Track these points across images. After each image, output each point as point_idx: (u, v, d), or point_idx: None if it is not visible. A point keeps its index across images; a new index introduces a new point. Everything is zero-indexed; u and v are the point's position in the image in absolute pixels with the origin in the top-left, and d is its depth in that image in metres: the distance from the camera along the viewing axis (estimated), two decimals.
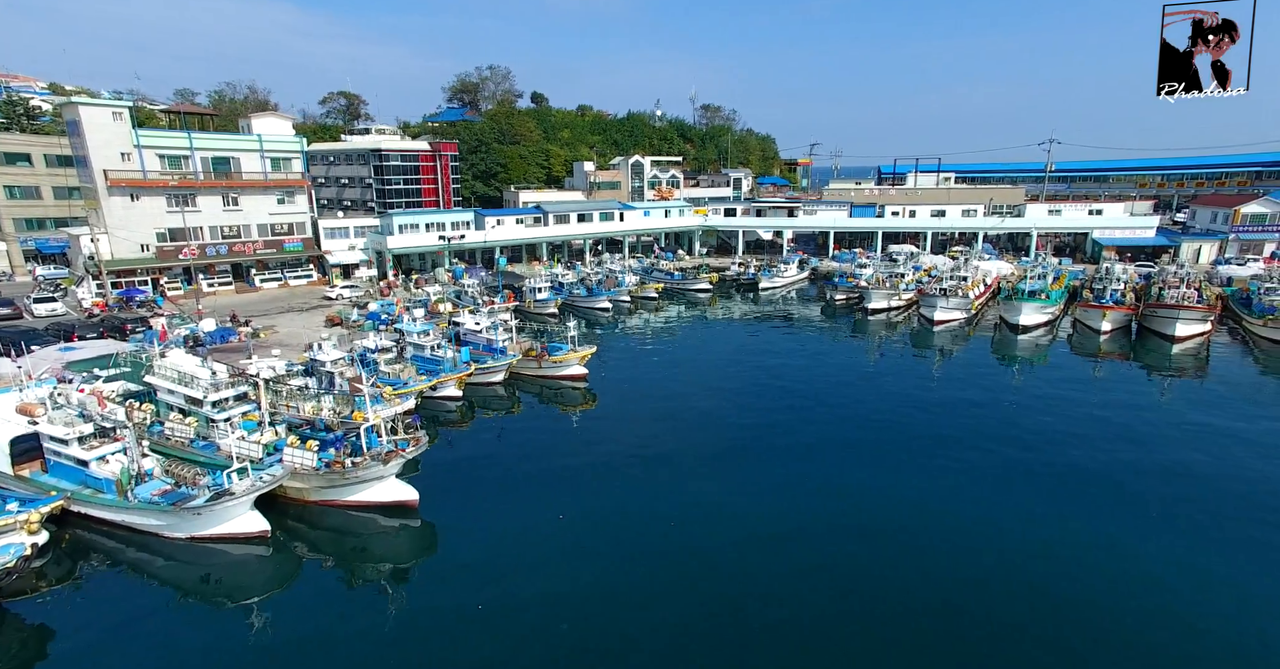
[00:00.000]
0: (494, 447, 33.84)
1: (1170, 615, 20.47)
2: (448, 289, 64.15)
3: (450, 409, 38.14)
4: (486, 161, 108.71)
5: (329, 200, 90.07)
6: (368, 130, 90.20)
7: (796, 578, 22.20)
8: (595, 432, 35.50)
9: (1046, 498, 27.53)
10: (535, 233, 78.52)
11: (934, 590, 21.56)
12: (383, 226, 68.66)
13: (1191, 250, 75.98)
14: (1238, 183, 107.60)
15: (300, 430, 28.80)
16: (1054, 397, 39.82)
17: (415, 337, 42.39)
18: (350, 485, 24.92)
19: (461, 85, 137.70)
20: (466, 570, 22.64)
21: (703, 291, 70.03)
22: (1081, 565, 22.85)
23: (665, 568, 22.82)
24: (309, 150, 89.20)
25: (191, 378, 27.16)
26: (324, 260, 66.30)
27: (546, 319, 59.81)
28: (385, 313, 51.68)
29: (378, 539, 25.01)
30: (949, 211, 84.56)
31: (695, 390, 42.14)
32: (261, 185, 62.10)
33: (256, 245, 62.32)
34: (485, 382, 41.48)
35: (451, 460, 31.95)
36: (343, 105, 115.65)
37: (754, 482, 29.27)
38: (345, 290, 60.90)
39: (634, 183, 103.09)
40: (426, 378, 37.72)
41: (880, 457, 31.81)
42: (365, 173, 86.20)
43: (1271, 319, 48.65)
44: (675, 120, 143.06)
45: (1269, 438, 33.35)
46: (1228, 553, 23.25)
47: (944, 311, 54.95)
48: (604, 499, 27.49)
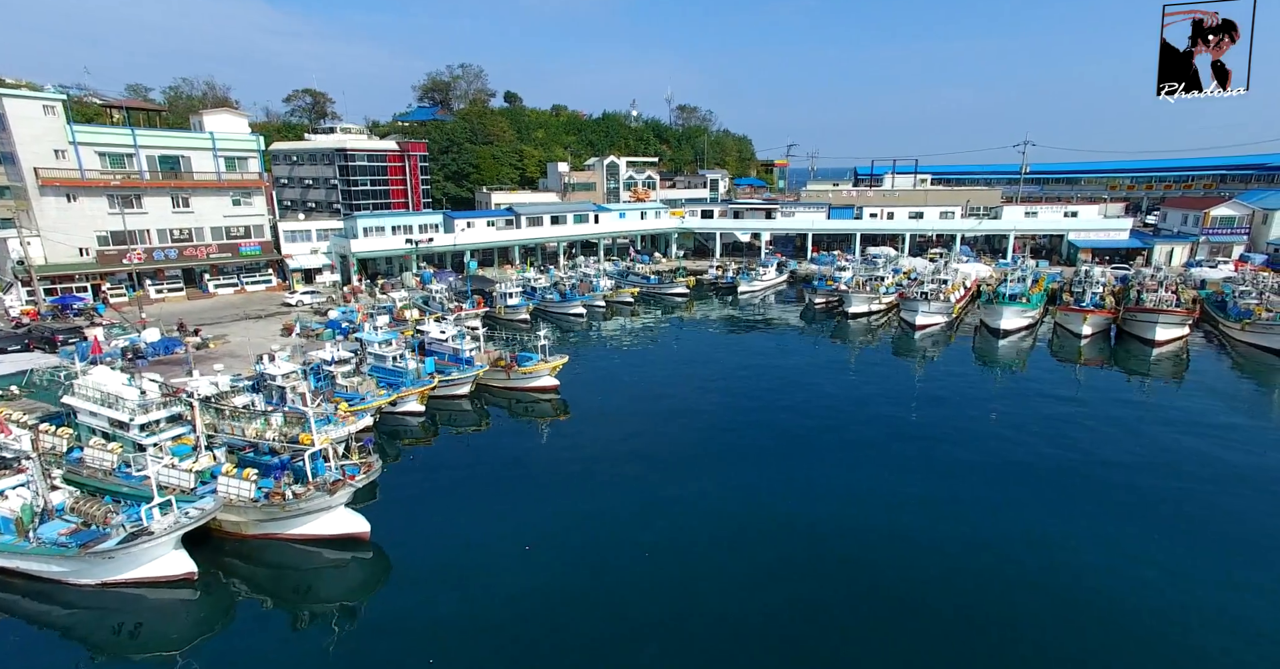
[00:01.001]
0: (458, 466, 31.64)
1: (1146, 611, 20.59)
2: (415, 295, 61.59)
3: (412, 425, 35.83)
4: (458, 162, 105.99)
5: (292, 202, 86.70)
6: (333, 129, 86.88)
7: (789, 609, 20.49)
8: (566, 447, 33.50)
9: (1038, 502, 26.88)
10: (507, 236, 76.15)
11: (913, 587, 21.60)
12: (346, 229, 65.79)
13: (1164, 252, 76.43)
14: (1203, 185, 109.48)
15: (243, 454, 26.36)
16: (1037, 402, 38.96)
17: (376, 347, 39.94)
18: (292, 518, 22.60)
19: (433, 84, 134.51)
20: (422, 607, 20.53)
21: (680, 296, 68.36)
22: (1066, 565, 22.87)
23: (644, 602, 20.94)
24: (271, 150, 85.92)
25: (116, 398, 24.54)
26: (284, 265, 63.22)
27: (518, 326, 57.61)
28: (346, 321, 49.04)
29: (323, 575, 22.74)
30: (927, 213, 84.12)
31: (672, 401, 40.33)
32: (215, 186, 58.85)
33: (210, 249, 59.07)
34: (450, 394, 39.21)
35: (411, 482, 29.72)
36: (308, 103, 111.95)
37: (738, 502, 27.51)
38: (306, 296, 58.02)
39: (609, 184, 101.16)
40: (387, 392, 35.37)
41: (874, 469, 30.36)
42: (330, 173, 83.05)
43: (1249, 323, 48.41)
44: (651, 121, 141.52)
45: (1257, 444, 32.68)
46: (1213, 551, 23.13)
47: (925, 316, 53.98)
48: (575, 524, 25.53)
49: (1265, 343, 47.53)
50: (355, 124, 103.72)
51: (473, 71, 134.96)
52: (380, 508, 26.40)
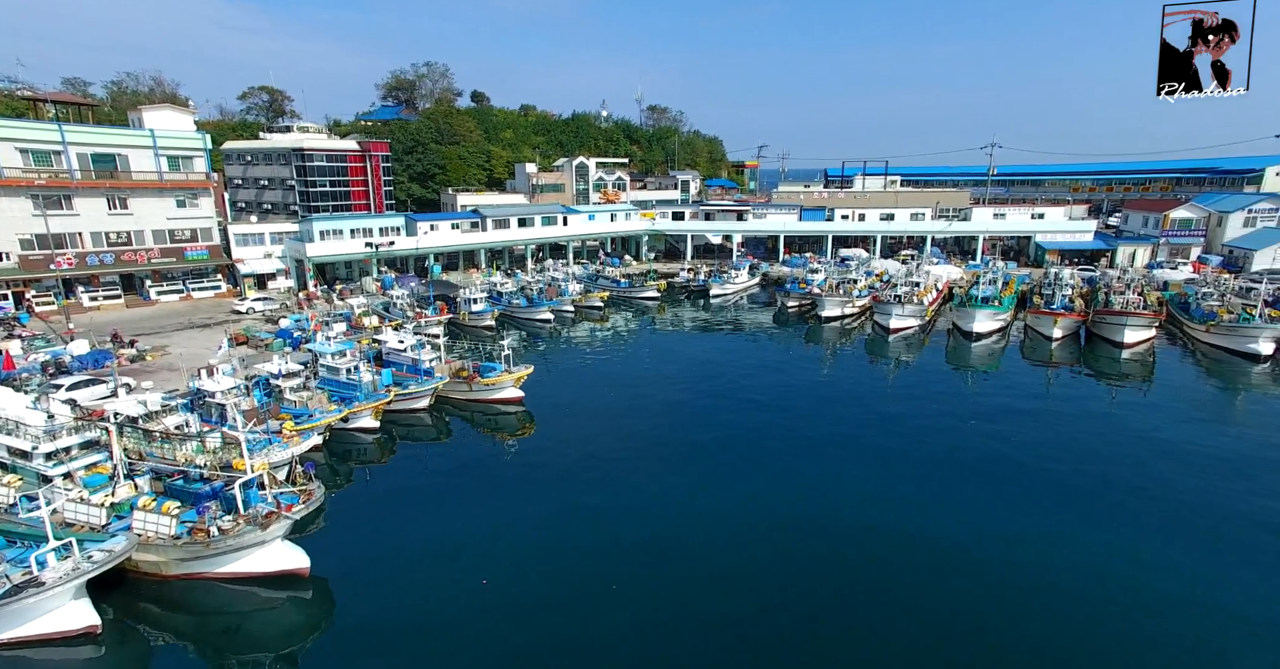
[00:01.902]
0: (414, 488, 29.53)
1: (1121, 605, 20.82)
2: (374, 301, 58.97)
3: (366, 443, 33.58)
4: (423, 162, 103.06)
5: (247, 203, 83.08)
6: (289, 128, 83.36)
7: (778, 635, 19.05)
8: (531, 464, 31.64)
9: (1017, 501, 26.80)
10: (472, 239, 73.74)
11: (889, 584, 21.82)
12: (302, 232, 62.79)
13: (1127, 254, 77.45)
14: (1160, 188, 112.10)
15: (171, 482, 23.94)
16: (1012, 406, 38.48)
17: (329, 358, 37.52)
18: (220, 555, 20.34)
19: (397, 82, 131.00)
20: (367, 653, 18.54)
21: (651, 300, 66.84)
22: (1041, 559, 23.30)
23: (614, 646, 19.26)
24: (223, 149, 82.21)
25: (17, 423, 21.99)
26: (235, 270, 59.97)
27: (483, 333, 55.44)
28: (299, 329, 46.37)
29: (256, 618, 20.56)
30: (897, 215, 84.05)
31: (645, 412, 38.71)
32: (156, 186, 55.31)
33: (151, 254, 55.51)
34: (408, 408, 37.02)
35: (361, 507, 27.59)
36: (265, 101, 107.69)
37: (716, 527, 25.97)
38: (258, 303, 54.97)
39: (579, 185, 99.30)
40: (338, 408, 33.07)
41: (855, 476, 29.25)
42: (287, 174, 79.72)
43: (1213, 325, 48.73)
44: (621, 121, 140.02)
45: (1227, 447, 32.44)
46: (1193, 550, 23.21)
47: (899, 319, 53.37)
48: (537, 554, 23.73)
49: (1229, 344, 47.89)
50: (315, 123, 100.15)
51: (438, 70, 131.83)
52: (324, 539, 24.27)
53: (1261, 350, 45.72)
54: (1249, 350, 46.20)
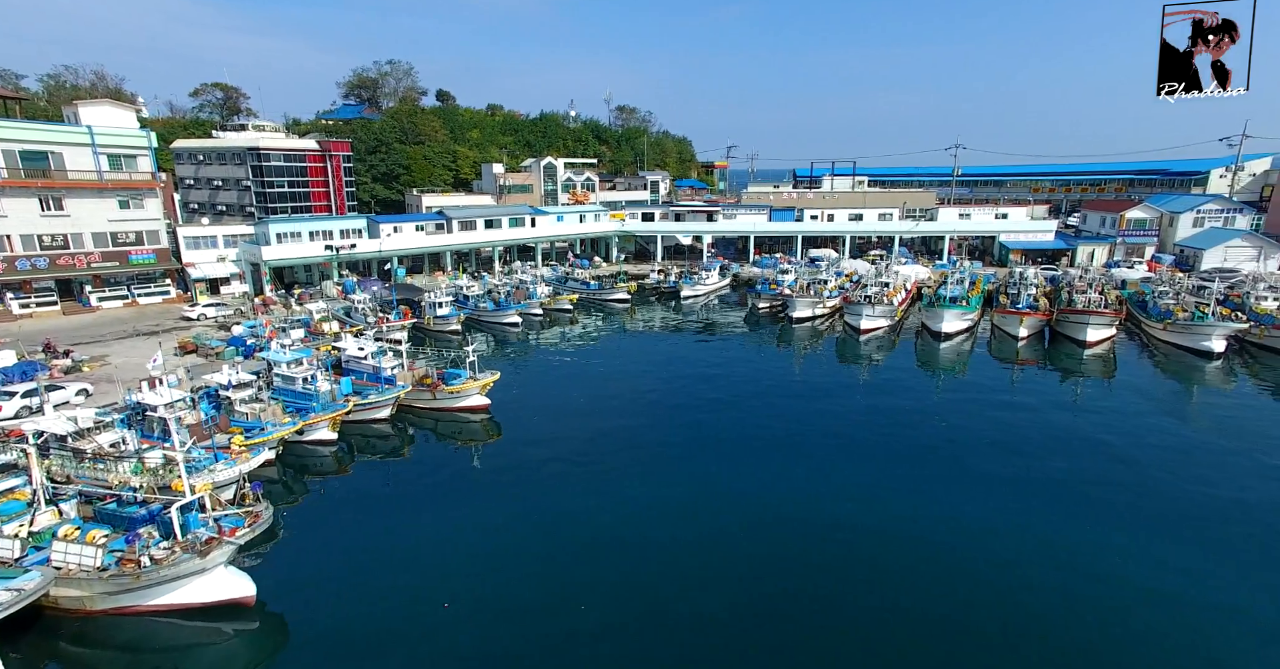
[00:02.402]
0: (373, 503, 28.05)
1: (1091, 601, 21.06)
2: (335, 306, 56.81)
3: (322, 456, 31.92)
4: (387, 163, 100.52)
5: (200, 204, 79.76)
6: (244, 126, 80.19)
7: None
8: (497, 474, 30.37)
9: (991, 500, 26.46)
10: (438, 241, 71.82)
11: (865, 584, 21.91)
12: (257, 235, 60.23)
13: (1086, 253, 79.16)
14: (1115, 189, 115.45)
15: (103, 507, 22.11)
16: (984, 404, 38.59)
17: (284, 367, 35.69)
18: (153, 587, 18.70)
19: (359, 81, 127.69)
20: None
21: (621, 302, 65.85)
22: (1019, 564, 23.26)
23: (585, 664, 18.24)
24: (175, 148, 78.79)
25: None
26: (185, 274, 57.14)
27: (449, 337, 53.80)
28: (252, 337, 44.21)
29: (194, 655, 18.99)
30: (866, 215, 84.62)
31: (614, 415, 37.69)
32: (95, 186, 52.25)
33: (91, 257, 52.43)
34: (368, 419, 35.40)
35: (315, 526, 26.01)
36: (219, 99, 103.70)
37: (685, 530, 25.14)
38: (209, 309, 52.41)
39: (547, 186, 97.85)
40: (292, 420, 31.33)
41: (833, 476, 28.70)
42: (242, 174, 76.66)
43: (1170, 323, 49.71)
44: (590, 121, 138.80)
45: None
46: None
47: (870, 320, 53.36)
48: (504, 569, 22.57)
49: (1184, 342, 48.88)
50: (273, 122, 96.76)
51: (402, 68, 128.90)
52: (274, 562, 22.70)
53: (1214, 348, 46.78)
54: (1203, 348, 47.24)
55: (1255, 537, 24.29)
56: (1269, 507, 26.44)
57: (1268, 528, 24.86)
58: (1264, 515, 25.78)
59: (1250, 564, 22.63)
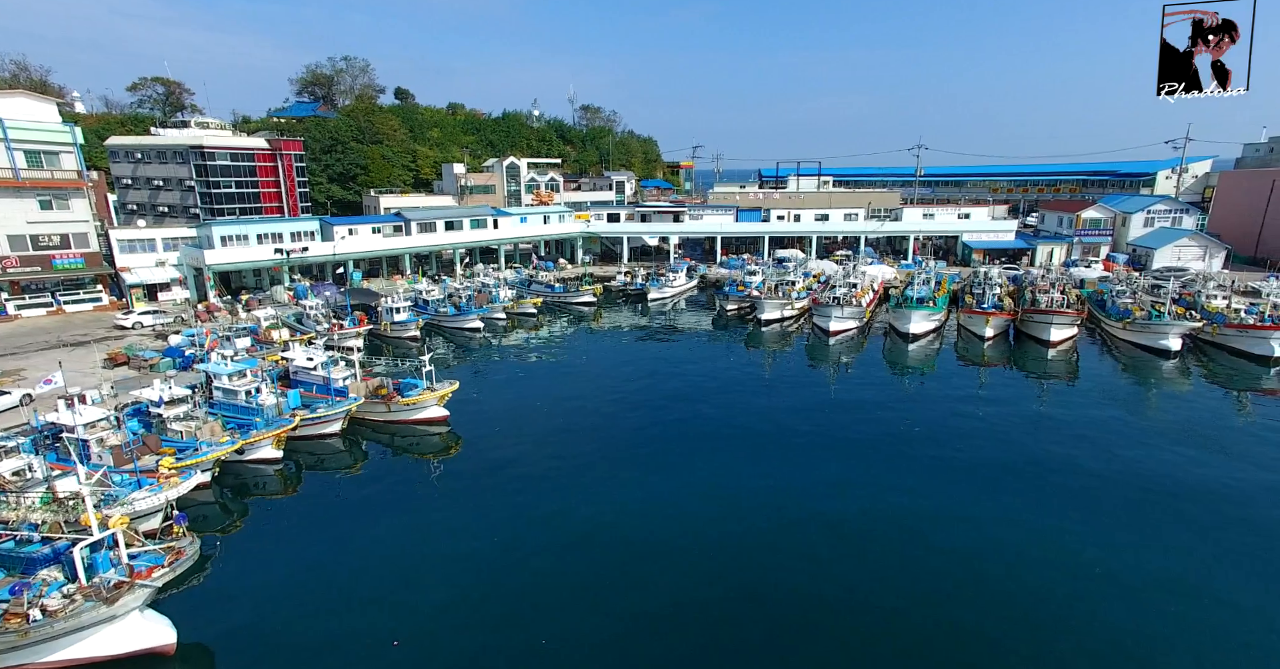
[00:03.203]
0: (319, 526, 26.14)
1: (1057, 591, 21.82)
2: (286, 312, 54.10)
3: (265, 476, 29.79)
4: (344, 162, 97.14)
5: (140, 205, 75.44)
6: (186, 123, 76.20)
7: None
8: (456, 492, 28.75)
9: (967, 494, 26.13)
10: (395, 243, 69.25)
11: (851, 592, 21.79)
12: (200, 238, 56.99)
13: (1045, 252, 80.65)
14: (1069, 190, 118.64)
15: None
16: (955, 404, 38.37)
17: (225, 379, 33.41)
18: (47, 642, 16.50)
19: (313, 78, 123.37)
20: None
21: (587, 305, 64.38)
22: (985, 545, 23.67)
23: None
24: (110, 145, 74.39)
25: None
26: (119, 280, 53.62)
27: (406, 344, 51.63)
28: (191, 346, 41.47)
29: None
30: (832, 215, 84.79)
31: (580, 423, 36.31)
32: (9, 185, 48.37)
33: (8, 262, 48.59)
34: (317, 434, 33.31)
35: (256, 553, 24.03)
36: (160, 94, 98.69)
37: (656, 549, 23.93)
38: (146, 317, 49.19)
39: (510, 186, 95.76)
40: (231, 438, 29.13)
41: (806, 483, 27.79)
42: (185, 173, 72.77)
43: (1129, 323, 50.49)
44: (554, 121, 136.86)
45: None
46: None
47: (839, 321, 52.99)
48: (460, 599, 21.03)
49: (1143, 341, 49.70)
50: (221, 119, 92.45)
51: (358, 65, 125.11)
52: (202, 602, 20.64)
53: (1171, 346, 47.62)
54: (1160, 346, 48.06)
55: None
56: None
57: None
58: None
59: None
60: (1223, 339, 47.98)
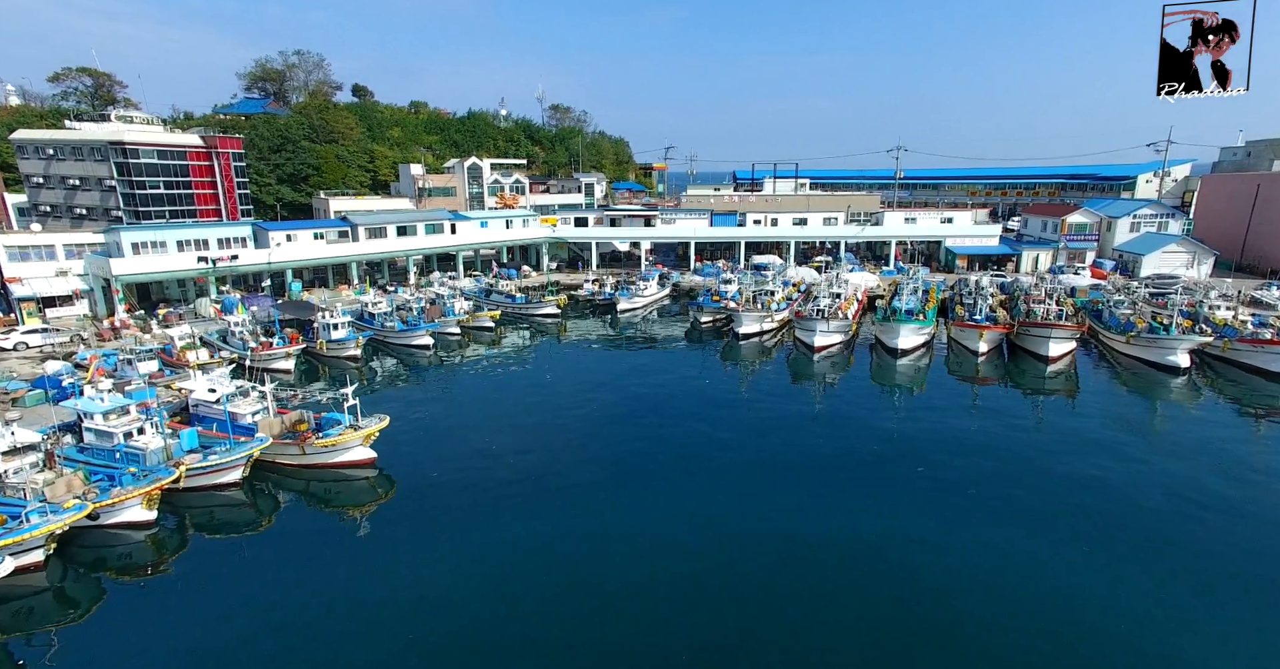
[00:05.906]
0: (194, 610, 20.58)
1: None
2: (209, 328, 48.04)
3: (132, 544, 24.12)
4: (294, 162, 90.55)
5: (53, 207, 68.17)
6: (106, 116, 69.24)
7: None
8: (384, 553, 23.52)
9: (969, 525, 22.56)
10: (340, 250, 63.31)
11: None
12: (108, 245, 50.53)
13: (1030, 258, 77.81)
14: (1048, 193, 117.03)
15: None
16: (949, 428, 34.31)
17: (98, 418, 27.68)
18: None
19: (263, 72, 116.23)
20: None
21: (551, 317, 59.17)
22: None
23: None
24: (15, 139, 67.02)
25: None
26: (6, 292, 46.97)
27: (346, 364, 45.97)
28: (74, 376, 35.35)
29: None
30: (810, 219, 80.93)
31: (538, 457, 31.13)
32: None
33: None
34: (211, 485, 27.68)
35: (100, 653, 18.46)
36: (88, 86, 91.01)
37: (636, 603, 19.03)
38: (33, 336, 42.75)
39: (472, 189, 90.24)
40: (81, 502, 23.43)
41: (789, 513, 23.17)
42: (105, 172, 65.82)
43: (1133, 336, 46.99)
44: (522, 121, 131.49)
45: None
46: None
47: (824, 336, 48.60)
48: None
49: (1148, 356, 46.21)
50: (158, 114, 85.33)
51: (312, 60, 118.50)
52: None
53: (1180, 362, 44.24)
54: (1168, 362, 44.62)
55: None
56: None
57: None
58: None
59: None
60: (1234, 354, 44.70)
